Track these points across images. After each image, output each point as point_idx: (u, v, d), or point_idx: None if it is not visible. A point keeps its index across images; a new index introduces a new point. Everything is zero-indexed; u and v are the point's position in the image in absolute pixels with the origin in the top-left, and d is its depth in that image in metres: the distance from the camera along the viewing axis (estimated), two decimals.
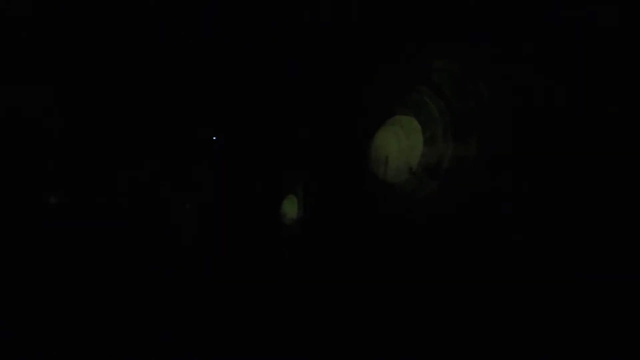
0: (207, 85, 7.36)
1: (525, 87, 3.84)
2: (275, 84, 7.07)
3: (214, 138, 8.64)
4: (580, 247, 2.93)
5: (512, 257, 3.51)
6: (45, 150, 7.05)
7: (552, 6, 3.29)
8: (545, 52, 3.49)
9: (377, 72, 6.68)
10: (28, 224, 6.55)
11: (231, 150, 8.64)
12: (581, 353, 2.61)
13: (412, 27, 5.34)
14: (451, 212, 5.52)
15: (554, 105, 3.45)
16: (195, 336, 4.22)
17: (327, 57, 6.42)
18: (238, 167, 8.66)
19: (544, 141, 3.49)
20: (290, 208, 8.25)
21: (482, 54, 4.48)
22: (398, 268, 5.47)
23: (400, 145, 7.23)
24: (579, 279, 2.84)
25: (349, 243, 6.58)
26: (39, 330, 4.06)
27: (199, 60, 6.66)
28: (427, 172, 6.50)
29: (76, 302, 4.74)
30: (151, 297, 5.11)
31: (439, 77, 6.99)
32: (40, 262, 5.83)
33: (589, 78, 3.18)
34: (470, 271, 4.05)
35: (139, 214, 7.85)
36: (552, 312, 2.92)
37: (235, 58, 6.54)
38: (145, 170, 8.17)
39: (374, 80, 7.15)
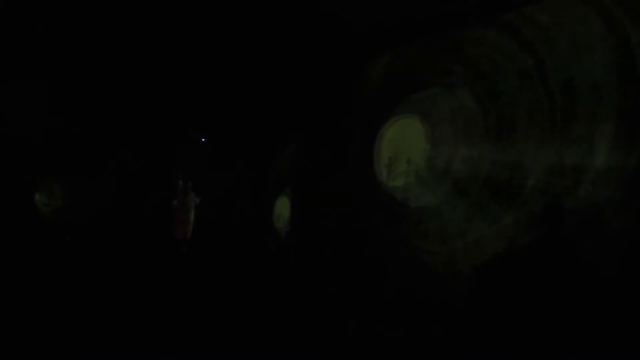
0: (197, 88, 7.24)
1: None
2: (265, 79, 6.54)
3: (203, 140, 8.87)
4: None
5: None
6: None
7: None
8: None
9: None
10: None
11: (221, 151, 8.79)
12: None
13: None
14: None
15: None
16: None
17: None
18: (228, 167, 8.78)
19: None
20: (284, 209, 7.69)
21: None
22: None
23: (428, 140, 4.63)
24: None
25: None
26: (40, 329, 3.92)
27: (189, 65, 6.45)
28: (461, 188, 4.01)
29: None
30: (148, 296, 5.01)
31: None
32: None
33: None
34: None
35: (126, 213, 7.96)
36: None
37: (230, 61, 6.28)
38: (133, 171, 8.22)
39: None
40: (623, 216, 3.39)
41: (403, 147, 4.74)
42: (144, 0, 4.87)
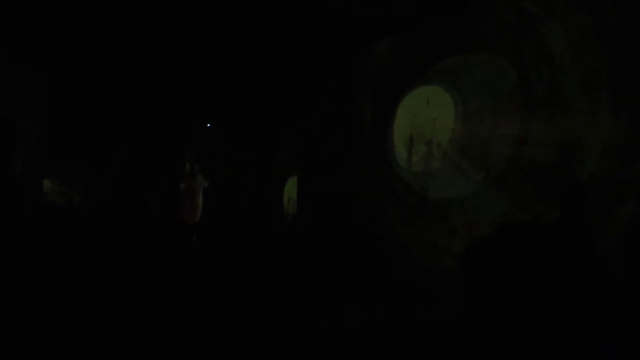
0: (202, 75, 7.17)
1: None
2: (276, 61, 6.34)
3: (208, 125, 8.91)
4: None
5: None
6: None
7: None
8: None
9: None
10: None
11: (227, 137, 8.81)
12: None
13: None
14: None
15: None
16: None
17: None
18: (235, 150, 8.74)
19: None
20: (294, 191, 7.46)
21: None
22: None
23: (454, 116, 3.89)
24: None
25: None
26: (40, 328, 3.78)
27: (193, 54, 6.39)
28: (527, 178, 3.19)
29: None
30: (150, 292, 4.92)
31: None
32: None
33: None
34: None
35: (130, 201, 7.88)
36: None
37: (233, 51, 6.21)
38: (137, 156, 8.12)
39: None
40: None
41: (426, 125, 3.98)
42: None
